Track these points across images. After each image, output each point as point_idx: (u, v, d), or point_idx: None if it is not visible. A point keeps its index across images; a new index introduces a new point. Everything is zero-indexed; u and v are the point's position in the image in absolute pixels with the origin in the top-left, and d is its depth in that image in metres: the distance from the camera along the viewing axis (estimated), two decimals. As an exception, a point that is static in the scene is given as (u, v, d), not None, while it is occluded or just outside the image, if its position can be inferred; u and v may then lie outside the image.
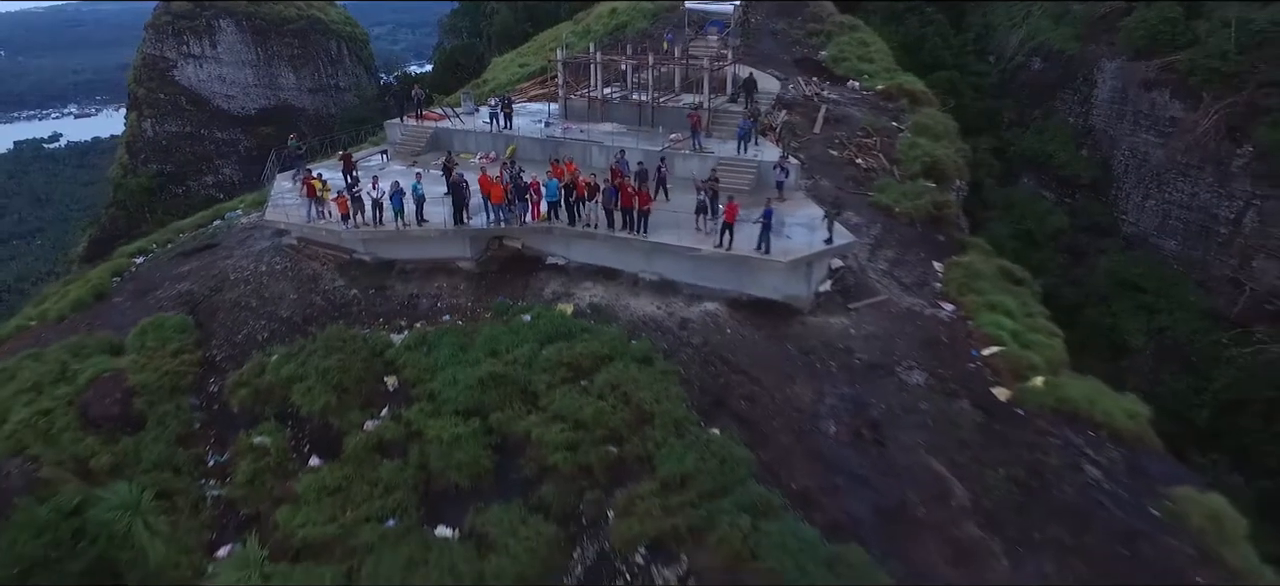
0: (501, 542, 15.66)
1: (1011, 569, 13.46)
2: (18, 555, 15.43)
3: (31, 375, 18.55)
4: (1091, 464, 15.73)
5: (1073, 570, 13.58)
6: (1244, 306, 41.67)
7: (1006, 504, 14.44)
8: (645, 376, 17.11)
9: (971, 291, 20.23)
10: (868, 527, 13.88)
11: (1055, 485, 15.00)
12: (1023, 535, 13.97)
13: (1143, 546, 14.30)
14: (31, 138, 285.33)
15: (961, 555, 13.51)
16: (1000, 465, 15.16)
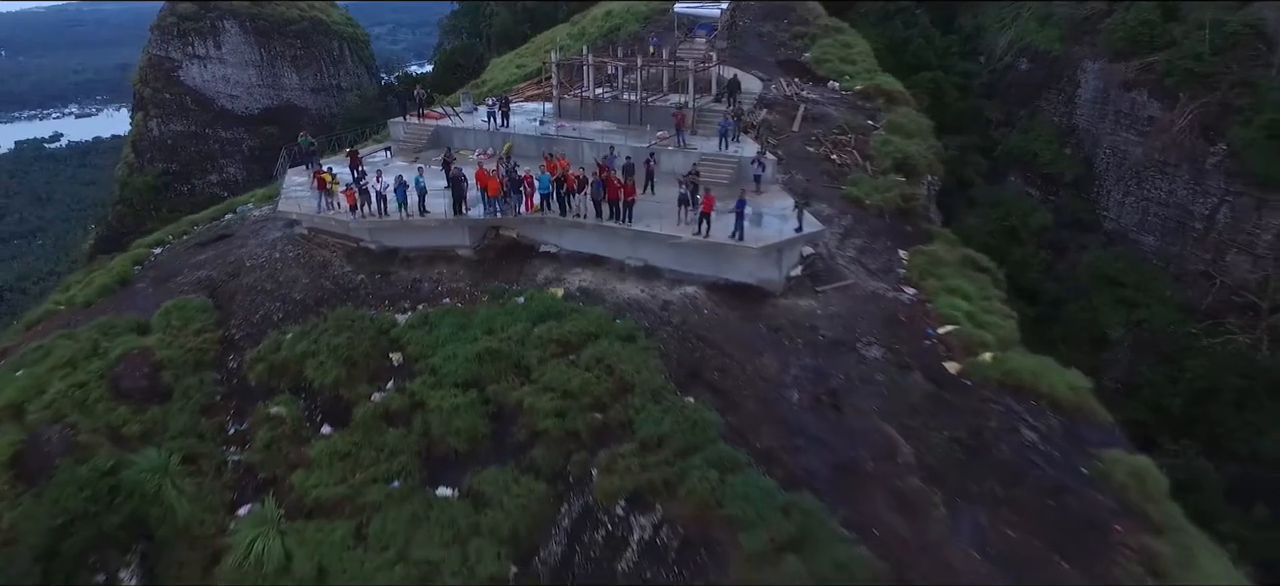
0: (496, 499, 17.47)
1: (948, 516, 15.26)
2: (62, 507, 17.26)
3: (66, 352, 20.38)
4: (1029, 428, 17.53)
5: (1004, 519, 15.38)
6: (1215, 299, 43.44)
7: (947, 461, 16.24)
8: (628, 352, 18.91)
9: (933, 277, 22.02)
10: (822, 480, 15.68)
11: (993, 446, 16.80)
12: (960, 488, 15.77)
13: (1069, 500, 16.09)
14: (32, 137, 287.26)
15: (903, 504, 15.30)
16: (945, 428, 16.96)
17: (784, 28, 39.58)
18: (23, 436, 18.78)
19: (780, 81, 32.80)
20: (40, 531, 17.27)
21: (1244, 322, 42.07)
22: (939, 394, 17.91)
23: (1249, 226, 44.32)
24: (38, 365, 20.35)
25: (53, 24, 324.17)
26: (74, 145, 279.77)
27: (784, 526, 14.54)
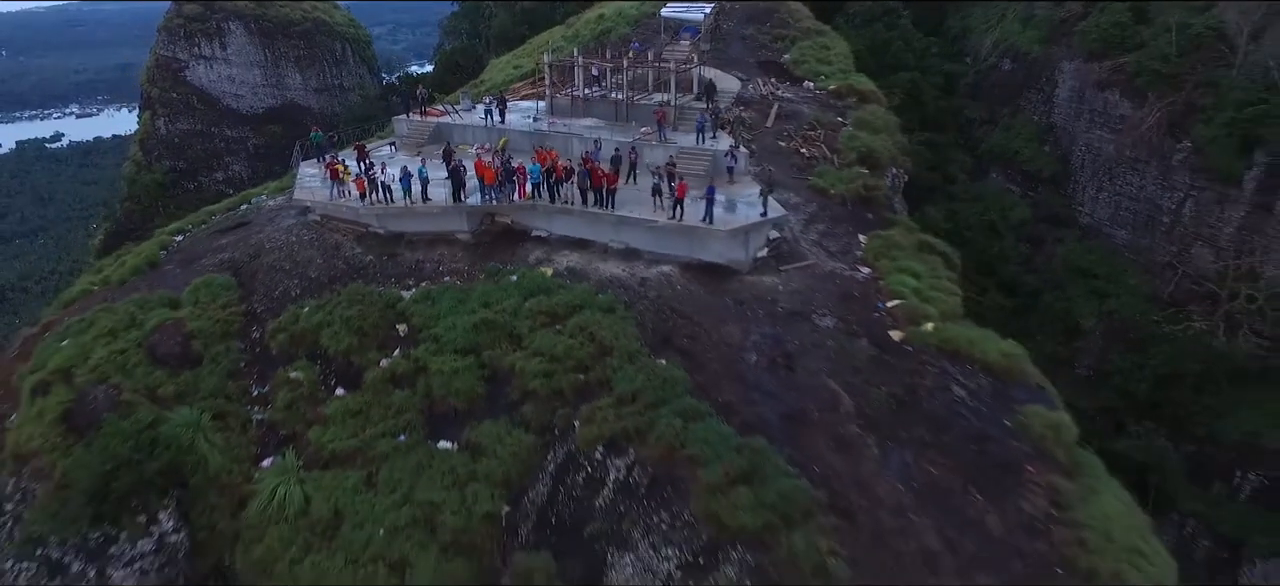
0: (491, 449, 20.06)
1: (880, 456, 17.84)
2: (109, 455, 19.85)
3: (107, 323, 22.99)
4: (959, 387, 20.10)
5: (928, 459, 17.95)
6: (1176, 287, 46.00)
7: (883, 412, 18.82)
8: (608, 321, 21.50)
9: (886, 258, 24.60)
10: (772, 427, 18.24)
11: (925, 400, 19.37)
12: (892, 434, 18.35)
13: (990, 445, 18.67)
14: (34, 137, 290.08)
15: (842, 445, 17.88)
16: (883, 385, 19.53)
17: (766, 30, 42.20)
18: (72, 396, 21.37)
19: (758, 81, 35.43)
20: (90, 476, 19.84)
21: (1204, 310, 44.62)
22: (881, 357, 20.48)
23: (1211, 220, 46.93)
24: (81, 335, 22.96)
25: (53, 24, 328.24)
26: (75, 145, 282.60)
27: (737, 463, 17.11)
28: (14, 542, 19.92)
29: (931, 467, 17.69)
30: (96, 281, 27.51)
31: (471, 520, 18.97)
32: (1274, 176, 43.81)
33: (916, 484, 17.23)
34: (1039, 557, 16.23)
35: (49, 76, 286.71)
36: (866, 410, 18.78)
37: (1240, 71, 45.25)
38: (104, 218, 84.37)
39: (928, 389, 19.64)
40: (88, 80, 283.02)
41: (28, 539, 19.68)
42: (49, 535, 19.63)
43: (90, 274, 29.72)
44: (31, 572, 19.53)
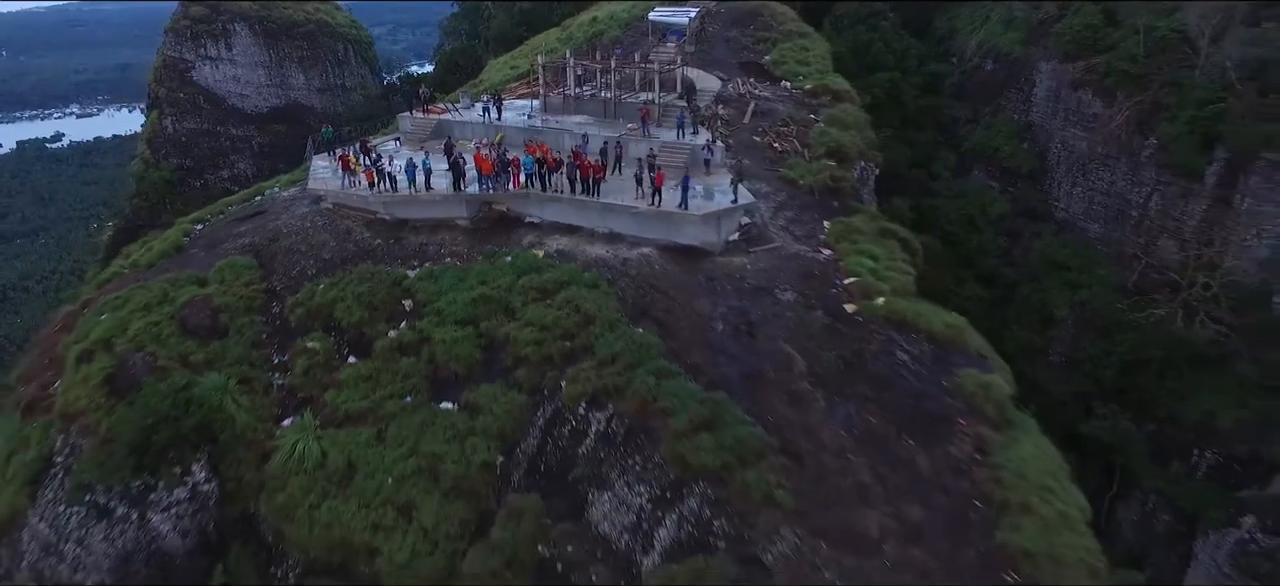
0: (487, 408, 22.86)
1: (826, 408, 20.61)
2: (149, 412, 22.66)
3: (142, 299, 25.80)
4: (903, 352, 22.87)
5: (869, 411, 20.73)
6: (1140, 277, 48.76)
7: (831, 372, 21.59)
8: (592, 295, 24.29)
9: (847, 242, 27.38)
10: (734, 384, 21.02)
11: (871, 362, 22.14)
12: (839, 390, 21.13)
13: (925, 401, 21.44)
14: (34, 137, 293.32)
15: (793, 399, 20.66)
16: (834, 350, 22.30)
17: (749, 33, 45.00)
18: (113, 363, 24.18)
19: (738, 81, 38.23)
20: (132, 431, 22.66)
21: (1165, 299, 47.37)
22: (834, 326, 23.26)
23: (1176, 213, 49.67)
24: (119, 310, 25.78)
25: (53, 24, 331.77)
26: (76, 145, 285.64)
27: (701, 413, 19.88)
28: (65, 490, 22.74)
29: (871, 418, 20.48)
30: (126, 265, 30.32)
31: (470, 468, 21.76)
32: (1233, 171, 46.46)
33: (857, 431, 20.02)
34: (960, 492, 19.01)
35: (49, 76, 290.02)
36: (817, 370, 21.56)
37: (1202, 72, 47.97)
38: (112, 214, 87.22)
39: (873, 353, 22.41)
40: (88, 80, 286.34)
41: (78, 486, 22.50)
42: (96, 483, 22.45)
43: (120, 259, 32.50)
44: (81, 515, 22.37)
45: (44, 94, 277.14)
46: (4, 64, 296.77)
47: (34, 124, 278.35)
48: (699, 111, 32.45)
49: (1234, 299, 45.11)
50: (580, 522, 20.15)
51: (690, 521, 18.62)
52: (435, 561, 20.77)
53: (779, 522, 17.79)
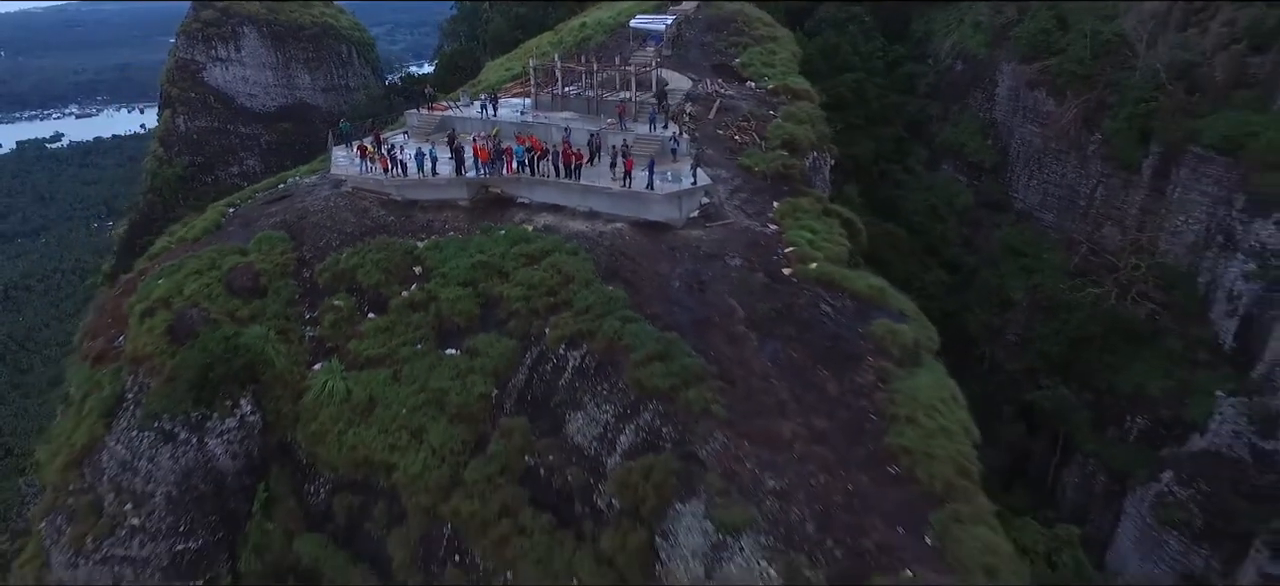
0: (484, 352, 28.20)
1: (758, 346, 25.97)
2: (205, 355, 28.04)
3: (194, 265, 31.23)
4: (827, 305, 28.25)
5: (792, 348, 26.09)
6: (1082, 260, 54.17)
7: (765, 318, 26.95)
8: (572, 260, 29.65)
9: (791, 219, 32.73)
10: (684, 327, 26.38)
11: (798, 312, 27.50)
12: (769, 332, 26.49)
13: (841, 342, 26.80)
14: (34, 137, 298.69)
15: (731, 339, 26.03)
16: (768, 303, 27.67)
17: (723, 38, 50.45)
18: (172, 317, 29.60)
19: (707, 81, 43.61)
20: (192, 370, 28.05)
21: (1105, 280, 52.81)
22: (772, 285, 28.62)
23: (1117, 202, 55.23)
24: (174, 275, 31.21)
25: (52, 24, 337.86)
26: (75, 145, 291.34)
27: (655, 348, 25.23)
28: (137, 419, 28.14)
29: (793, 353, 25.86)
30: (173, 241, 35.74)
31: (470, 399, 27.13)
32: (1165, 163, 51.96)
33: (780, 362, 25.40)
34: (860, 408, 24.37)
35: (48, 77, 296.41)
36: (753, 318, 26.94)
37: (1139, 73, 53.44)
38: (127, 207, 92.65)
39: (801, 305, 27.80)
40: (87, 81, 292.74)
41: (148, 415, 27.93)
42: (163, 412, 27.86)
43: (165, 236, 37.85)
44: (151, 439, 27.80)
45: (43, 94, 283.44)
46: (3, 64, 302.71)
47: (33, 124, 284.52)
48: (669, 108, 37.89)
49: (1162, 279, 50.56)
50: (559, 436, 25.52)
51: (644, 430, 23.99)
52: (442, 472, 26.12)
53: (713, 428, 23.15)
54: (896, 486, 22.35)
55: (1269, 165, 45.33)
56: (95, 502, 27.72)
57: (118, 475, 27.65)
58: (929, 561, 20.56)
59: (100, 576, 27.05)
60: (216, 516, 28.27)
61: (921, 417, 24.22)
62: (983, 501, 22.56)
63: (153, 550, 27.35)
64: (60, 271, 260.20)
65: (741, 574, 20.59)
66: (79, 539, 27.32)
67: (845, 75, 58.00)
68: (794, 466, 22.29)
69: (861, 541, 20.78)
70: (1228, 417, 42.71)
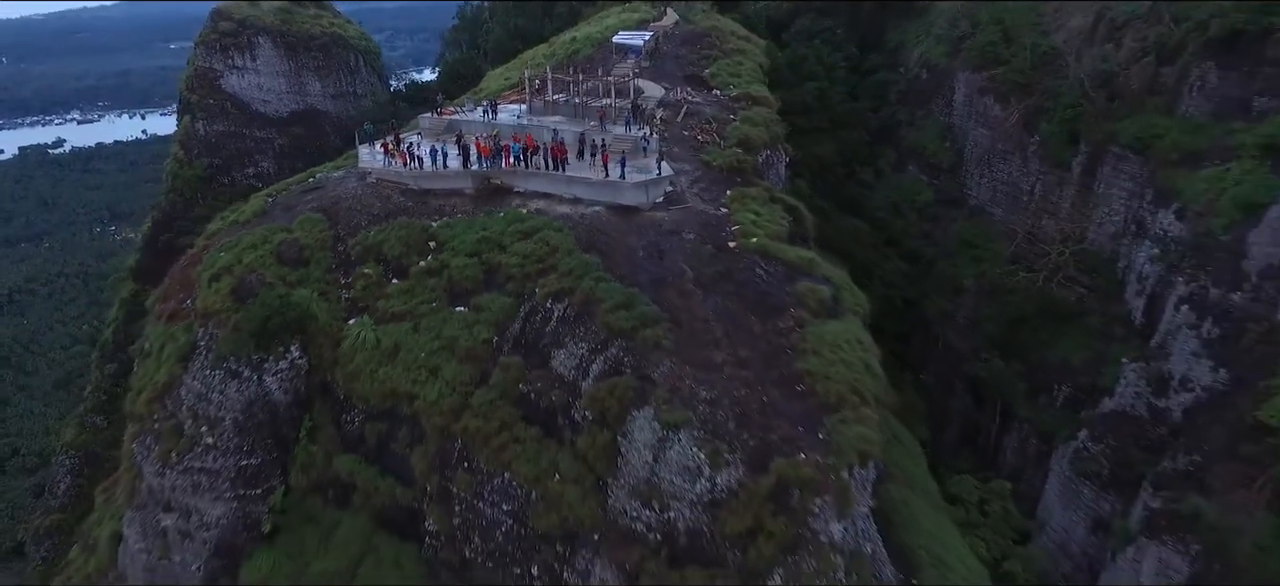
0: (487, 307, 36.23)
1: (702, 299, 34.00)
2: (263, 310, 36.10)
3: (250, 240, 39.36)
4: (762, 270, 36.28)
5: (730, 301, 34.12)
6: (1017, 248, 62.19)
7: (709, 278, 34.99)
8: (558, 236, 37.70)
9: (740, 204, 40.78)
10: (645, 285, 34.41)
11: (736, 275, 35.53)
12: (712, 289, 34.53)
13: (769, 297, 34.83)
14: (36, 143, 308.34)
15: (681, 293, 34.08)
16: (714, 268, 35.71)
17: (696, 51, 58.65)
18: (235, 281, 37.67)
19: (679, 89, 51.75)
20: (253, 322, 36.09)
21: (1038, 265, 60.86)
22: (718, 254, 36.65)
23: (1053, 197, 63.36)
24: (233, 249, 39.32)
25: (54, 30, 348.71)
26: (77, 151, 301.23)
27: (621, 300, 33.25)
28: (208, 361, 36.19)
29: (730, 304, 33.88)
30: (225, 224, 43.85)
31: (475, 343, 35.13)
32: (1092, 162, 60.04)
33: (718, 311, 33.41)
34: (778, 344, 32.35)
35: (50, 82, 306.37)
36: (700, 278, 34.97)
37: (1069, 82, 61.57)
38: (151, 207, 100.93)
39: (740, 270, 35.84)
40: (89, 87, 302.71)
41: (218, 357, 35.98)
42: (230, 355, 35.90)
43: (216, 220, 45.92)
44: (220, 377, 35.84)
45: (45, 100, 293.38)
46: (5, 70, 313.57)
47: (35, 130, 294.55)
48: (642, 112, 46.00)
49: (1087, 265, 58.67)
50: (546, 368, 33.54)
51: (610, 361, 31.97)
52: (454, 399, 34.10)
53: (662, 357, 31.15)
54: (800, 400, 30.37)
55: (1171, 162, 53.36)
56: (176, 426, 35.79)
57: (194, 405, 35.71)
58: (818, 449, 28.58)
59: (182, 483, 35.09)
60: (272, 439, 36.32)
61: (826, 352, 32.27)
62: (868, 412, 30.59)
63: (222, 463, 35.39)
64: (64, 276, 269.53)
65: (678, 457, 28.61)
66: (165, 454, 35.38)
67: (809, 83, 66.13)
68: (722, 383, 30.30)
69: (769, 435, 28.79)
70: (1130, 381, 50.65)
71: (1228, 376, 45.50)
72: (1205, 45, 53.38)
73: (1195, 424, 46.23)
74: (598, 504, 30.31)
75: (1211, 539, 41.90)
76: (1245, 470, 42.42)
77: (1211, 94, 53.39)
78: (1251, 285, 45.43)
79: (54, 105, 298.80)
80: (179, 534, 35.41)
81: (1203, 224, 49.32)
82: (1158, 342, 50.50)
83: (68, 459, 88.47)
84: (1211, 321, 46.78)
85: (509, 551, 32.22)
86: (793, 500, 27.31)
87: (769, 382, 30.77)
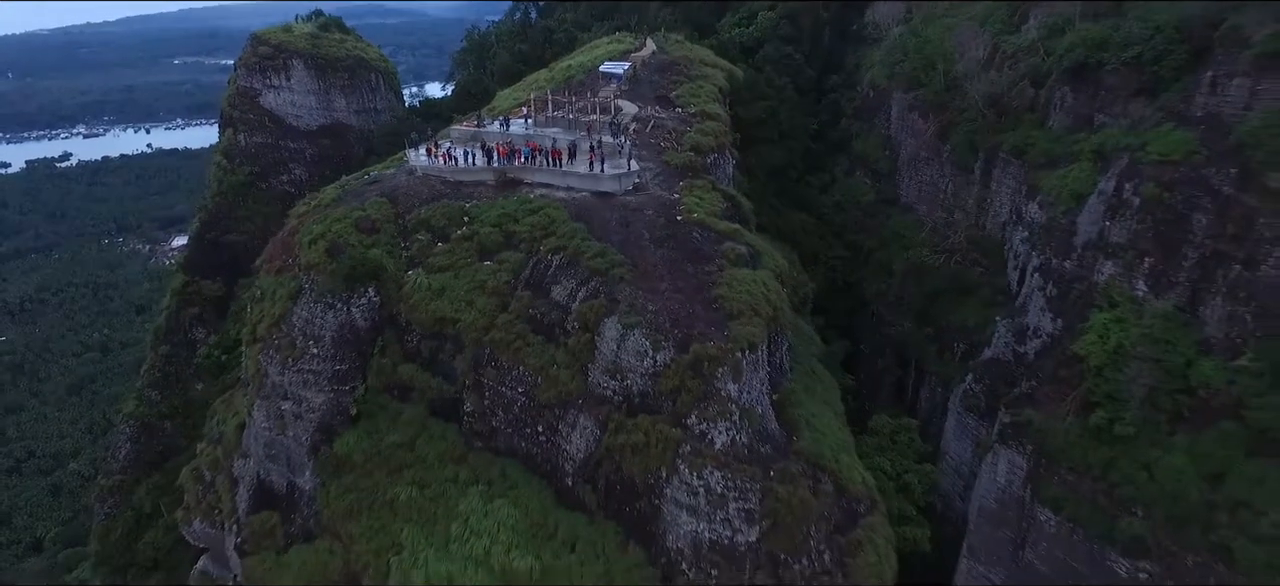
0: (506, 261, 55.28)
1: (655, 252, 53.00)
2: (350, 263, 55.09)
3: (335, 215, 58.47)
4: (699, 235, 55.29)
5: (673, 252, 53.10)
6: (934, 236, 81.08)
7: (660, 239, 54.02)
8: (556, 212, 56.80)
9: (688, 191, 59.89)
10: (615, 244, 53.39)
11: (679, 237, 54.53)
12: (661, 245, 53.58)
13: (701, 252, 53.88)
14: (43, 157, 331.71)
15: (640, 248, 53.12)
16: (663, 232, 54.71)
17: (667, 77, 78.08)
18: (328, 243, 56.70)
19: (650, 107, 71.01)
20: (342, 271, 55.07)
21: (947, 250, 79.80)
22: (668, 224, 55.66)
23: (962, 195, 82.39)
24: (324, 221, 58.39)
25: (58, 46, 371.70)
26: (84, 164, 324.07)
27: (598, 251, 52.27)
28: (310, 298, 55.15)
29: (673, 256, 52.86)
30: (312, 206, 62.93)
31: (499, 283, 54.12)
32: (989, 166, 79.03)
33: (665, 260, 52.38)
34: (703, 280, 51.27)
35: (55, 97, 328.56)
36: (654, 239, 53.97)
37: (971, 101, 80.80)
38: (198, 208, 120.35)
39: (684, 233, 54.82)
40: (94, 101, 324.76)
41: (318, 294, 54.96)
42: (326, 293, 54.90)
43: (302, 204, 64.96)
44: (320, 309, 54.86)
45: (51, 114, 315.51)
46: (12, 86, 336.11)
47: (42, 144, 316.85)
48: (619, 125, 65.22)
49: (983, 248, 77.64)
50: (547, 298, 52.44)
51: (591, 290, 50.84)
52: (484, 320, 52.96)
53: (624, 286, 50.03)
54: (714, 312, 49.27)
55: (1039, 165, 72.28)
56: (291, 342, 54.67)
57: (303, 327, 54.63)
58: (722, 340, 47.37)
59: (295, 380, 53.90)
60: (355, 352, 55.14)
61: (735, 286, 51.22)
62: (758, 319, 49.44)
63: (322, 367, 54.19)
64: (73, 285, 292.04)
65: (633, 345, 47.44)
66: (283, 360, 54.27)
67: (759, 103, 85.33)
68: (663, 301, 49.20)
69: (691, 331, 47.67)
70: (1001, 334, 69.27)
71: (1061, 324, 64.12)
72: (1063, 73, 72.49)
73: (1038, 360, 64.88)
74: (581, 380, 49.14)
75: (1038, 440, 60.41)
76: (1062, 390, 60.99)
77: (1068, 111, 72.49)
78: (1077, 255, 64.14)
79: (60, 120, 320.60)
80: (293, 415, 54.17)
81: (1052, 211, 68.14)
82: (1021, 303, 69.21)
83: (128, 427, 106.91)
84: (1052, 284, 65.48)
85: (522, 418, 50.97)
86: (704, 369, 46.13)
87: (695, 302, 49.71)
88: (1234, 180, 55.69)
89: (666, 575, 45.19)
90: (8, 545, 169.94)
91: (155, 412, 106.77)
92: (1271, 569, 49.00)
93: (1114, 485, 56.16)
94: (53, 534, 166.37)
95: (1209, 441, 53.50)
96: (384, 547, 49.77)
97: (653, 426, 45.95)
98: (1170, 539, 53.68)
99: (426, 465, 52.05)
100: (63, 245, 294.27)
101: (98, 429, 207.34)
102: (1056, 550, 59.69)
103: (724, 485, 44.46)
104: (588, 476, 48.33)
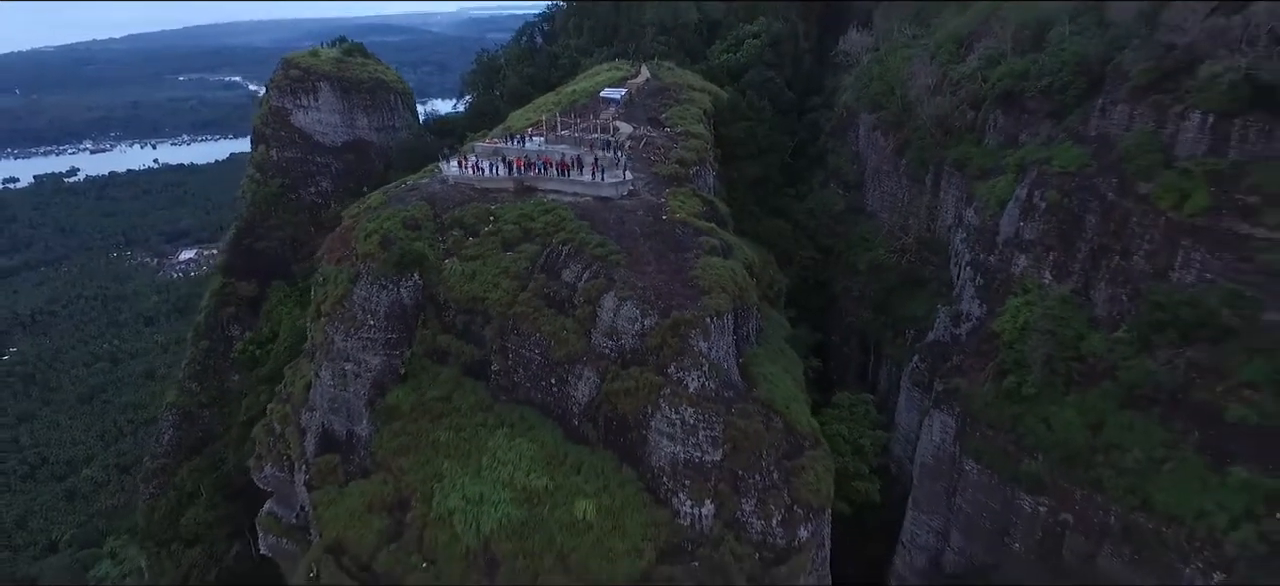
0: (526, 252, 71.69)
1: (645, 243, 69.42)
2: (399, 253, 71.47)
3: (387, 213, 74.89)
4: (681, 230, 71.73)
5: (659, 242, 69.50)
6: (892, 238, 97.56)
7: (649, 234, 70.49)
8: (565, 212, 73.29)
9: (674, 197, 76.38)
10: (613, 237, 69.83)
11: (665, 232, 70.98)
12: (650, 237, 70.04)
13: (682, 244, 70.31)
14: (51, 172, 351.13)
15: (633, 241, 69.56)
16: (652, 228, 71.12)
17: (659, 100, 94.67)
18: (380, 237, 73.11)
19: (643, 127, 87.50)
20: (393, 258, 71.44)
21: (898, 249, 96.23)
22: (656, 222, 72.09)
23: (917, 204, 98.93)
24: (376, 220, 74.85)
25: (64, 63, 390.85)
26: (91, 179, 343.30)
27: (599, 242, 68.67)
28: (367, 281, 71.57)
29: (658, 246, 69.27)
30: (361, 209, 79.31)
31: (519, 268, 70.52)
32: (938, 177, 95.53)
33: (653, 250, 68.77)
34: (683, 265, 67.60)
35: (63, 113, 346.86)
36: (644, 233, 70.38)
37: (922, 121, 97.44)
38: (235, 218, 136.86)
39: (668, 228, 71.25)
40: (100, 117, 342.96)
41: (373, 278, 71.41)
42: (380, 277, 71.36)
43: (353, 206, 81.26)
44: (375, 289, 71.37)
45: (59, 130, 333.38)
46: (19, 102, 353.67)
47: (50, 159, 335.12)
48: (617, 142, 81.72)
49: (933, 248, 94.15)
50: (559, 280, 68.73)
51: (593, 272, 67.15)
52: (509, 297, 69.28)
53: (619, 269, 66.34)
54: (690, 288, 65.61)
55: (976, 177, 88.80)
56: (351, 315, 70.93)
57: (362, 303, 70.90)
58: (695, 309, 63.63)
59: (356, 345, 70.09)
60: (403, 325, 71.33)
61: (708, 270, 67.59)
62: (724, 294, 65.68)
63: (377, 336, 70.38)
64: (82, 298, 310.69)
65: (627, 314, 63.72)
66: (345, 330, 70.52)
67: (739, 124, 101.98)
68: (650, 280, 65.54)
69: (671, 302, 64.01)
70: (942, 320, 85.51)
71: (986, 308, 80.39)
72: (996, 98, 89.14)
73: (968, 339, 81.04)
74: (585, 342, 65.34)
75: (965, 403, 76.46)
76: (983, 361, 77.15)
77: (1000, 130, 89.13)
78: (999, 251, 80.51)
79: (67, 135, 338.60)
80: (353, 374, 70.30)
81: (985, 215, 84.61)
82: (957, 293, 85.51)
83: (171, 414, 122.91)
84: (980, 275, 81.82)
85: (538, 374, 67.11)
86: (681, 330, 62.33)
87: (675, 281, 66.02)
88: (1115, 188, 72.12)
89: (650, 487, 61.08)
90: (25, 546, 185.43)
91: (195, 402, 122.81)
92: (1131, 493, 64.86)
93: (1021, 436, 72.04)
94: (68, 535, 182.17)
95: (1093, 398, 69.52)
96: (428, 477, 65.69)
97: (641, 375, 61.95)
98: (1062, 477, 69.59)
99: (461, 413, 68.05)
100: (72, 258, 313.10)
101: (110, 436, 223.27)
102: (979, 494, 75.62)
103: (695, 418, 60.39)
104: (590, 416, 64.35)
